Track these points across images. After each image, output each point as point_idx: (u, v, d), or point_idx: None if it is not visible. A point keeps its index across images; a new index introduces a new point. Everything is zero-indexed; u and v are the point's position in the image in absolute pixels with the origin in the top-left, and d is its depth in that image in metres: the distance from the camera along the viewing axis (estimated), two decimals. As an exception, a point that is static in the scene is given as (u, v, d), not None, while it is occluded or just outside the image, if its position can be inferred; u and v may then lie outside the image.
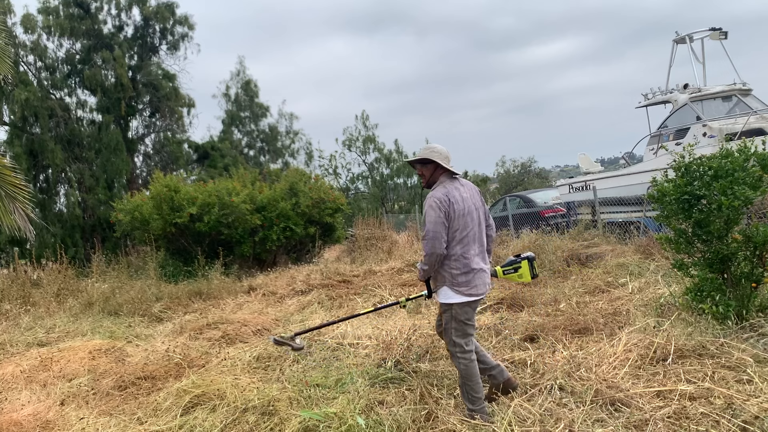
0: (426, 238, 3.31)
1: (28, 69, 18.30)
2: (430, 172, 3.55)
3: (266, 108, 25.51)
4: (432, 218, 3.32)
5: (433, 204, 3.33)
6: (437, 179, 3.52)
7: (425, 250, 3.32)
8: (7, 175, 6.81)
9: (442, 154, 3.52)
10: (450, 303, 3.36)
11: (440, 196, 3.36)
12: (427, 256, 3.32)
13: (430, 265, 3.36)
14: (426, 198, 3.42)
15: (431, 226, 3.32)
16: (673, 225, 4.47)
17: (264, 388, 4.04)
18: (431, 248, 3.31)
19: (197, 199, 11.86)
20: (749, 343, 3.66)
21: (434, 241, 3.30)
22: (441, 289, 3.40)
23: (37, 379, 4.86)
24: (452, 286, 3.35)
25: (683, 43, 12.55)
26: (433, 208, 3.32)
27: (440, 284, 3.41)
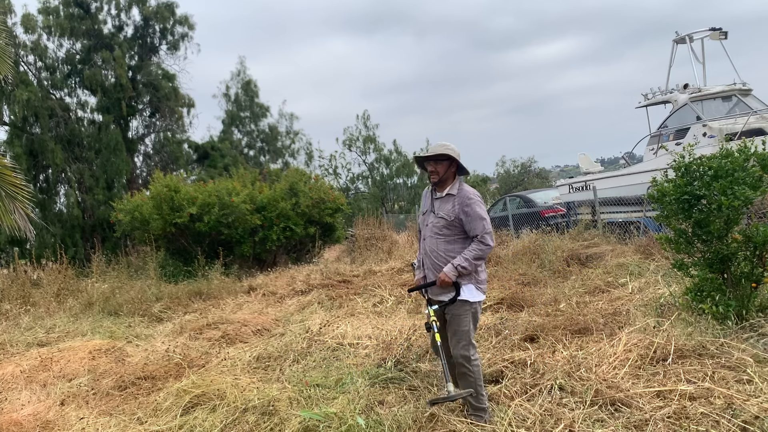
0: (488, 232, 3.26)
1: (29, 69, 18.31)
2: (445, 169, 3.43)
3: (266, 108, 25.53)
4: (484, 213, 3.32)
5: (479, 200, 3.34)
6: (451, 177, 3.45)
7: (488, 242, 3.26)
8: (7, 174, 6.81)
9: (457, 153, 3.44)
10: (474, 301, 3.33)
11: (476, 192, 3.39)
12: (487, 249, 3.28)
13: (481, 261, 3.32)
14: (461, 196, 3.35)
15: (488, 216, 3.33)
16: (673, 225, 4.47)
17: (264, 388, 4.04)
18: (493, 240, 3.30)
19: (197, 199, 11.86)
20: (749, 343, 3.66)
21: (492, 235, 3.31)
22: (465, 287, 3.32)
23: (37, 379, 4.86)
24: (477, 283, 3.34)
25: (683, 43, 12.55)
26: (481, 204, 3.34)
27: (465, 282, 3.33)
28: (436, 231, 3.41)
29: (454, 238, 3.37)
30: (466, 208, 3.31)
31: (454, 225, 3.36)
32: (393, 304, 6.78)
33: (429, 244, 3.45)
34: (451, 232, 3.37)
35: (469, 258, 3.24)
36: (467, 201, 3.32)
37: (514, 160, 35.29)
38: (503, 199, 15.55)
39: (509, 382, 3.66)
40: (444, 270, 3.28)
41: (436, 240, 3.41)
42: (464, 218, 3.31)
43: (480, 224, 3.27)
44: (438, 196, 3.47)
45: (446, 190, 3.43)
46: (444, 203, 3.42)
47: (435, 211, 3.45)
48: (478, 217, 3.28)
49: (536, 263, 8.26)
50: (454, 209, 3.34)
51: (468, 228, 3.31)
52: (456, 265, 3.26)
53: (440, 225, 3.40)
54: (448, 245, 3.37)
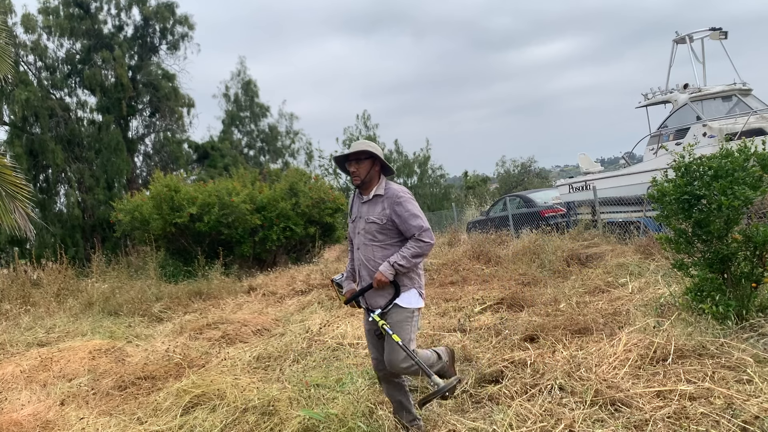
0: (425, 230, 3.01)
1: (29, 69, 18.31)
2: (368, 169, 3.15)
3: (266, 108, 25.54)
4: (417, 209, 3.08)
5: (409, 197, 3.10)
6: (375, 177, 3.19)
7: (426, 240, 3.01)
8: (7, 174, 6.81)
9: (379, 150, 3.20)
10: (415, 309, 3.11)
11: (405, 189, 3.15)
12: (426, 246, 3.02)
13: (421, 259, 3.08)
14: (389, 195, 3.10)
15: (422, 213, 3.09)
16: (673, 225, 4.47)
17: (264, 388, 4.04)
18: (432, 236, 3.05)
19: (197, 199, 11.86)
20: (749, 343, 3.66)
21: (430, 232, 3.06)
22: (408, 293, 3.10)
23: (37, 379, 4.86)
24: (419, 288, 3.15)
25: (683, 43, 12.55)
26: (412, 200, 3.10)
27: (408, 286, 3.11)
28: (369, 238, 3.14)
29: (390, 243, 3.12)
30: (397, 208, 3.07)
31: (388, 228, 3.11)
32: (393, 304, 6.78)
33: (363, 252, 3.18)
34: (386, 236, 3.12)
35: (407, 256, 3.01)
36: (397, 200, 3.07)
37: (514, 160, 35.30)
38: (503, 199, 15.55)
39: (509, 382, 3.65)
40: (380, 269, 3.04)
41: (371, 248, 3.14)
42: (397, 219, 3.07)
43: (415, 222, 3.03)
44: (365, 199, 3.20)
45: (372, 192, 3.17)
46: (373, 206, 3.16)
47: (365, 216, 3.18)
48: (411, 215, 3.04)
49: (536, 263, 8.26)
50: (385, 211, 3.09)
51: (403, 229, 3.07)
52: (393, 262, 3.02)
53: (373, 230, 3.13)
54: (385, 251, 3.11)
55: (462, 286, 7.58)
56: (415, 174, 28.03)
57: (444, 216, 19.88)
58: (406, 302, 3.08)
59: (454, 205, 20.82)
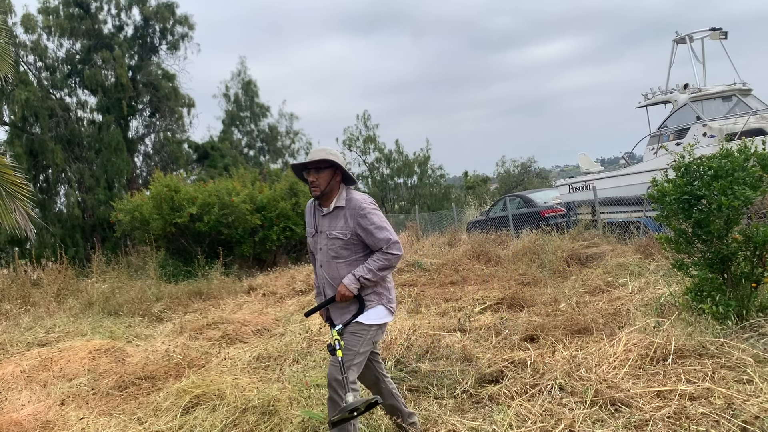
0: (393, 242, 2.79)
1: (29, 69, 18.32)
2: (328, 179, 2.87)
3: (266, 108, 25.55)
4: (383, 220, 2.84)
5: (373, 207, 2.86)
6: (336, 188, 2.91)
7: (394, 252, 2.80)
8: (7, 174, 6.81)
9: (341, 159, 2.92)
10: (379, 324, 2.89)
11: (369, 198, 2.93)
12: (394, 258, 2.81)
13: (388, 272, 2.87)
14: (352, 207, 2.85)
15: (388, 224, 2.86)
16: (673, 225, 4.47)
17: (264, 388, 4.03)
18: (400, 248, 2.85)
19: (197, 199, 11.86)
20: (749, 343, 3.66)
21: (399, 245, 2.85)
22: (374, 310, 2.88)
23: (37, 379, 4.86)
24: (387, 303, 2.92)
25: (683, 43, 12.55)
26: (377, 211, 2.87)
27: (374, 302, 2.88)
28: (332, 255, 2.88)
29: (355, 258, 2.87)
30: (361, 221, 2.81)
31: (353, 243, 2.85)
32: (393, 304, 6.78)
33: (327, 271, 2.92)
34: (351, 252, 2.86)
35: (373, 269, 2.77)
36: (360, 212, 2.81)
37: (514, 160, 35.34)
38: (503, 199, 15.55)
39: (509, 382, 3.65)
40: (343, 281, 2.80)
41: (335, 265, 2.88)
42: (362, 233, 2.81)
43: (382, 235, 2.78)
44: (325, 212, 2.93)
45: (333, 204, 2.89)
46: (334, 220, 2.89)
47: (326, 231, 2.91)
48: (377, 228, 2.79)
49: (536, 263, 8.26)
50: (348, 224, 2.83)
51: (369, 243, 2.82)
52: (358, 276, 2.78)
53: (336, 247, 2.86)
54: (351, 267, 2.85)
55: (462, 286, 7.58)
56: (415, 174, 28.03)
57: (444, 216, 19.88)
58: (371, 318, 2.86)
59: (454, 205, 20.82)
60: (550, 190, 15.36)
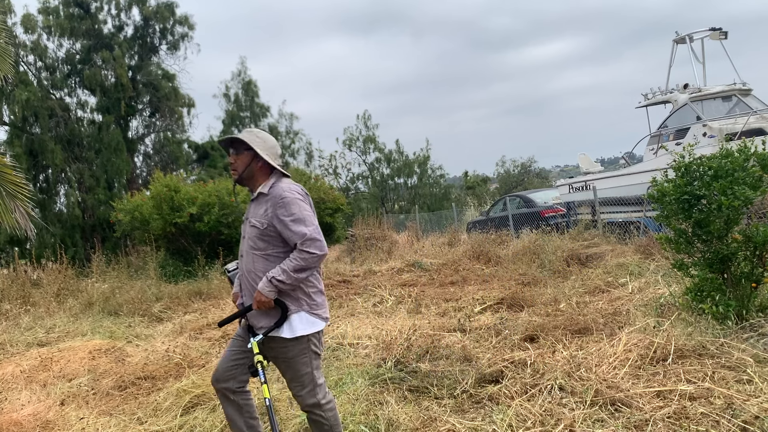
0: (310, 238, 2.49)
1: (28, 69, 18.33)
2: (247, 163, 2.68)
3: (266, 108, 25.57)
4: (305, 212, 2.55)
5: (296, 197, 2.56)
6: (260, 173, 2.71)
7: (312, 251, 2.49)
8: (7, 173, 6.81)
9: (267, 144, 2.70)
10: (307, 334, 2.59)
11: (297, 188, 2.63)
12: (312, 258, 2.49)
13: (306, 274, 2.54)
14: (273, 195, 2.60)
15: (311, 218, 2.55)
16: (673, 225, 4.47)
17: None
18: (322, 247, 2.52)
19: (197, 199, 11.86)
20: (749, 343, 3.66)
21: (322, 237, 2.56)
22: (296, 317, 2.59)
23: (37, 379, 4.86)
24: (311, 309, 2.62)
25: (683, 43, 12.56)
26: (300, 202, 2.56)
27: (294, 309, 2.59)
28: (250, 244, 2.65)
29: (273, 253, 2.60)
30: (279, 211, 2.54)
31: (269, 235, 2.59)
32: (393, 304, 6.78)
33: (245, 262, 2.68)
34: (267, 245, 2.60)
35: (287, 269, 2.48)
36: (280, 201, 2.55)
37: (514, 160, 35.41)
38: (503, 199, 15.56)
39: (509, 382, 3.65)
40: (258, 287, 2.54)
41: (251, 257, 2.64)
42: (278, 225, 2.54)
43: (297, 229, 2.50)
44: (252, 197, 2.75)
45: (258, 189, 2.70)
46: (257, 207, 2.67)
47: (249, 218, 2.70)
48: (294, 220, 2.51)
49: (536, 263, 8.26)
50: (267, 214, 2.59)
51: (285, 236, 2.55)
52: (271, 277, 2.50)
53: (253, 236, 2.63)
54: (267, 262, 2.59)
55: (462, 286, 7.58)
56: (415, 174, 28.04)
57: (444, 216, 19.88)
58: (296, 329, 2.57)
59: (454, 205, 20.83)
60: (550, 190, 15.37)
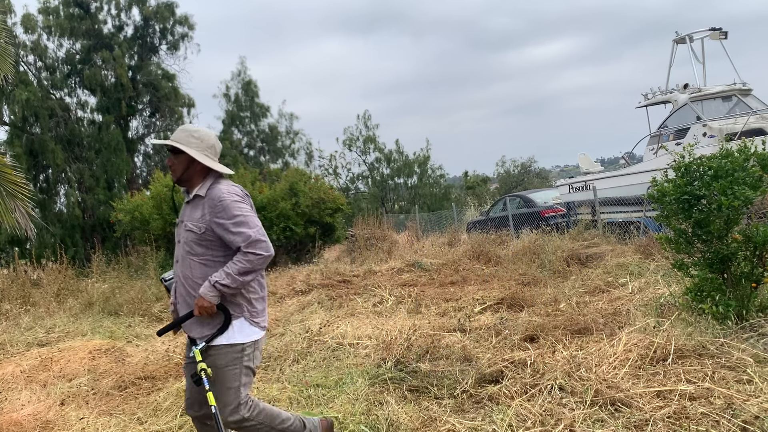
0: (254, 240, 2.38)
1: (29, 69, 18.33)
2: (185, 165, 2.55)
3: (266, 108, 25.55)
4: (246, 214, 2.44)
5: (235, 199, 2.46)
6: (198, 174, 2.57)
7: (258, 252, 2.38)
8: (7, 173, 6.81)
9: (205, 144, 2.56)
10: (244, 343, 2.47)
11: (236, 189, 2.53)
12: (258, 260, 2.39)
13: (252, 277, 2.43)
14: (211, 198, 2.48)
15: (253, 219, 2.45)
16: (673, 225, 4.47)
17: (264, 388, 4.04)
18: (268, 248, 2.42)
19: (197, 199, 11.87)
20: (749, 343, 3.66)
21: (267, 238, 2.44)
22: (235, 323, 2.48)
23: (37, 379, 4.87)
24: (251, 316, 2.51)
25: (683, 43, 12.56)
26: (239, 204, 2.45)
27: (235, 314, 2.48)
28: (187, 249, 2.53)
29: (212, 258, 2.49)
30: (218, 215, 2.43)
31: (208, 240, 2.47)
32: (393, 304, 6.78)
33: (181, 267, 2.56)
34: (206, 249, 2.49)
35: (232, 272, 2.37)
36: (218, 203, 2.43)
37: (514, 160, 35.42)
38: (503, 199, 15.56)
39: (509, 382, 3.65)
40: (200, 291, 2.41)
41: (188, 262, 2.52)
42: (218, 229, 2.43)
43: (241, 231, 2.39)
44: (187, 199, 2.62)
45: (194, 191, 2.57)
46: (193, 210, 2.54)
47: (185, 221, 2.57)
48: (235, 223, 2.40)
49: (536, 263, 8.26)
50: (204, 218, 2.47)
51: (227, 241, 2.44)
52: (214, 282, 2.38)
53: (190, 241, 2.51)
54: (206, 268, 2.48)
55: (462, 286, 7.58)
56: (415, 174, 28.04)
57: (444, 216, 19.89)
58: (235, 336, 2.46)
59: (454, 205, 20.83)
60: (550, 190, 15.37)
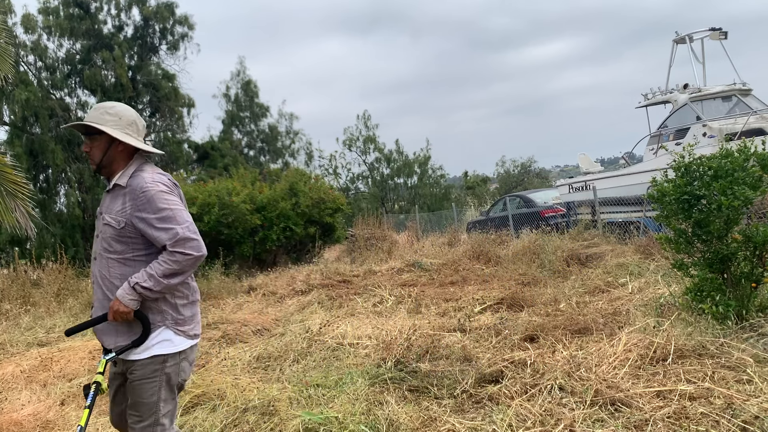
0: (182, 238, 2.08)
1: (29, 69, 18.34)
2: (104, 149, 2.21)
3: (266, 108, 25.57)
4: (173, 207, 2.13)
5: (161, 189, 2.14)
6: (120, 159, 2.23)
7: (186, 251, 2.08)
8: (8, 173, 6.81)
9: (125, 120, 2.22)
10: (167, 354, 2.17)
11: (162, 177, 2.21)
12: (186, 260, 2.09)
13: (179, 279, 2.13)
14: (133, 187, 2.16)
15: (182, 213, 2.13)
16: (673, 225, 4.47)
17: (264, 388, 4.04)
18: (198, 247, 2.13)
19: (197, 199, 11.87)
20: (749, 343, 3.66)
21: (198, 236, 2.15)
22: (158, 333, 2.18)
23: (37, 379, 4.87)
24: (176, 325, 2.20)
25: (683, 43, 12.56)
26: (166, 195, 2.14)
27: (156, 325, 2.17)
28: (105, 246, 2.21)
29: (133, 257, 2.18)
30: (141, 208, 2.11)
31: (128, 236, 2.16)
32: (393, 304, 6.78)
33: (98, 265, 2.25)
34: (126, 247, 2.18)
35: (155, 274, 2.07)
36: (140, 195, 2.11)
37: (514, 160, 35.42)
38: (503, 199, 15.55)
39: (509, 382, 3.65)
40: (117, 294, 2.11)
41: (106, 260, 2.21)
42: (141, 224, 2.12)
43: (167, 227, 2.09)
44: (107, 188, 2.29)
45: (114, 179, 2.24)
46: (113, 201, 2.22)
47: (104, 213, 2.24)
48: (160, 218, 2.09)
49: (536, 263, 8.26)
50: (125, 211, 2.15)
51: (151, 237, 2.12)
52: (134, 283, 2.08)
53: (108, 236, 2.19)
54: (126, 268, 2.18)
55: (462, 286, 7.58)
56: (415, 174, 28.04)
57: (444, 216, 19.88)
58: (153, 348, 2.16)
59: (454, 205, 20.83)
60: (550, 190, 15.37)
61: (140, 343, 2.15)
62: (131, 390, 2.20)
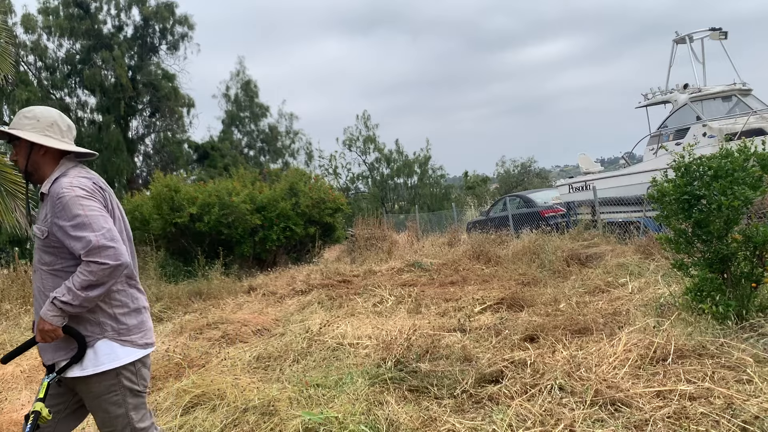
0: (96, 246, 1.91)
1: (29, 69, 18.36)
2: (26, 155, 2.11)
3: (266, 108, 25.59)
4: (92, 209, 1.98)
5: (77, 195, 1.99)
6: (47, 163, 2.13)
7: (101, 260, 1.91)
8: (7, 173, 6.82)
9: (43, 123, 2.11)
10: (116, 368, 2.05)
11: (83, 181, 2.06)
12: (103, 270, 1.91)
13: (99, 291, 1.95)
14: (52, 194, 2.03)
15: (98, 220, 1.96)
16: (673, 225, 4.47)
17: (264, 388, 4.04)
18: (117, 255, 1.94)
19: (197, 199, 11.88)
20: (749, 343, 3.66)
21: (117, 243, 1.97)
22: (99, 346, 2.04)
23: (37, 379, 4.87)
24: (118, 336, 2.07)
25: (683, 43, 12.57)
26: (81, 200, 1.98)
27: (94, 337, 2.03)
28: (37, 257, 2.12)
29: (63, 268, 2.05)
30: (57, 215, 1.98)
31: (54, 246, 2.04)
32: (393, 304, 6.78)
33: (35, 279, 2.14)
34: (54, 258, 2.05)
35: (73, 287, 1.93)
36: (56, 201, 1.99)
37: (514, 160, 35.45)
38: (503, 199, 15.56)
39: (509, 382, 3.65)
40: (41, 312, 1.99)
41: (40, 273, 2.10)
42: (59, 234, 1.99)
43: (80, 236, 1.93)
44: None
45: (42, 187, 2.13)
46: (41, 210, 2.12)
47: (35, 224, 2.15)
48: (74, 225, 1.94)
49: (536, 263, 8.26)
50: (47, 219, 2.04)
51: (69, 248, 1.98)
52: (53, 298, 1.95)
53: (38, 247, 2.10)
54: (59, 280, 2.03)
55: (462, 286, 7.58)
56: (415, 174, 28.05)
57: (444, 216, 19.89)
58: (101, 362, 2.03)
59: (454, 205, 20.83)
60: (550, 190, 15.38)
61: (79, 358, 2.01)
62: (94, 409, 2.10)
